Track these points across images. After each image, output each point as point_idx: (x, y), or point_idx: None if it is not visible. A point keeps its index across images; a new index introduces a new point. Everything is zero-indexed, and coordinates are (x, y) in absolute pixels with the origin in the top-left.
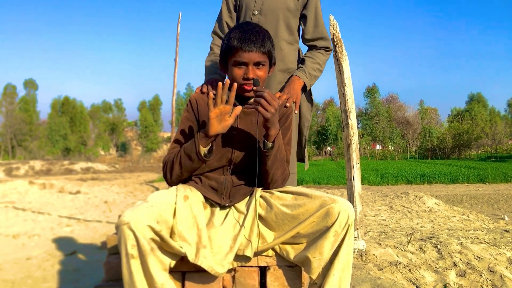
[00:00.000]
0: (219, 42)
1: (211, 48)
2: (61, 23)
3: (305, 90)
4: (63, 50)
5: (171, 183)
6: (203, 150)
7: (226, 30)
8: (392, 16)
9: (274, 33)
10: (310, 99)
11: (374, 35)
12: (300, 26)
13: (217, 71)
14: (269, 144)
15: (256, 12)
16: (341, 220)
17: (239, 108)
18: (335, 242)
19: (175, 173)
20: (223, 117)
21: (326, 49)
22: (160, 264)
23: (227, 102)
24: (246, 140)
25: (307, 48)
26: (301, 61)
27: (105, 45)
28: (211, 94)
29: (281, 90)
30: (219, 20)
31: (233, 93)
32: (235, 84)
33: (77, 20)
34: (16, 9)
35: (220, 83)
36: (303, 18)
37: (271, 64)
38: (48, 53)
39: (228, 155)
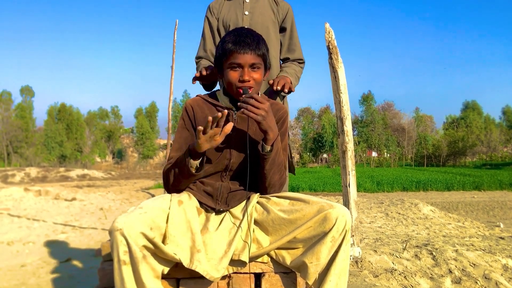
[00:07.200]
0: (206, 61)
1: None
2: (58, 30)
3: (289, 91)
4: (60, 57)
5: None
6: (195, 163)
7: (211, 54)
8: (387, 24)
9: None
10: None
11: (370, 42)
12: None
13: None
14: (268, 148)
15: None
16: (338, 225)
17: (230, 126)
18: (332, 247)
19: (173, 185)
20: (212, 137)
21: (299, 61)
22: (152, 272)
23: (217, 125)
24: (243, 145)
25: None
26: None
27: (102, 52)
28: (200, 128)
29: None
30: (203, 46)
31: (223, 119)
32: (225, 111)
33: (74, 27)
34: (12, 16)
35: (210, 118)
36: (282, 30)
37: (266, 67)
38: (45, 60)
39: (225, 161)
